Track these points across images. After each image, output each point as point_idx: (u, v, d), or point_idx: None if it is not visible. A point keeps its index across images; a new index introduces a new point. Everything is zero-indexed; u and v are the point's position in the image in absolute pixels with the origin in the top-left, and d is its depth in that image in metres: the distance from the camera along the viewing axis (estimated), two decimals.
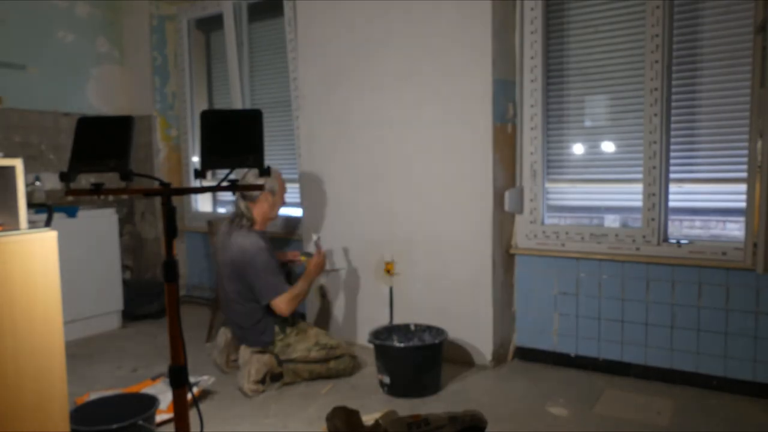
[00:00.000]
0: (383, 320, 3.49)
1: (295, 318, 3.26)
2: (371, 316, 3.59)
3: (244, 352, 3.06)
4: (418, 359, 2.89)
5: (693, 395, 2.83)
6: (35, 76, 4.25)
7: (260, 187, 1.88)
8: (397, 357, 2.90)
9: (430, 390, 2.91)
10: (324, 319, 3.81)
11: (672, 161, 2.97)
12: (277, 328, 3.13)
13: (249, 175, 3.19)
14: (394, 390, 2.89)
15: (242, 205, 3.14)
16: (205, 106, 4.91)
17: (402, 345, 3.04)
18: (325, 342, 3.15)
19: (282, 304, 3.03)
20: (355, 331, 3.66)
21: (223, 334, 3.25)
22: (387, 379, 2.89)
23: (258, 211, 3.16)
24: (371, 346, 3.03)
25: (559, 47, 3.22)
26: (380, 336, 3.09)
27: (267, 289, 3.03)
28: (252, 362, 2.98)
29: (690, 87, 2.91)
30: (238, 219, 3.16)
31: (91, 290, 3.98)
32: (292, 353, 3.08)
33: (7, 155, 2.38)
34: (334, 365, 3.13)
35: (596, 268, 3.14)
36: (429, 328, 3.16)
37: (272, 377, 3.02)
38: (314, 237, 3.44)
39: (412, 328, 3.20)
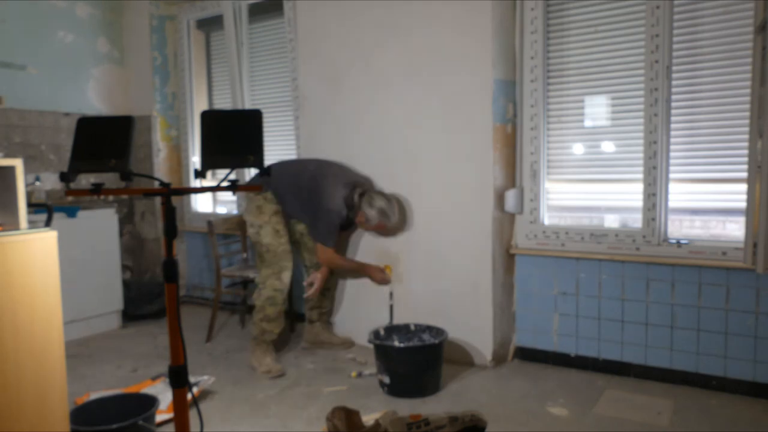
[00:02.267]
0: (384, 320, 3.49)
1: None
2: (372, 316, 3.59)
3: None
4: (418, 359, 2.89)
5: (693, 395, 2.83)
6: (35, 76, 4.25)
7: (260, 188, 1.88)
8: (397, 357, 2.90)
9: (430, 390, 2.91)
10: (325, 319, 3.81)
11: (672, 161, 2.97)
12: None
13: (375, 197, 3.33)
14: (394, 390, 2.89)
15: (357, 198, 3.32)
16: (205, 106, 4.91)
17: (402, 345, 3.04)
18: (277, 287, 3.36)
19: (327, 252, 3.35)
20: (356, 331, 3.66)
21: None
22: (387, 379, 2.90)
23: (357, 216, 3.35)
24: (371, 346, 3.03)
25: (559, 47, 3.22)
26: (380, 336, 3.09)
27: (322, 234, 3.32)
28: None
29: (690, 87, 2.91)
30: (351, 192, 3.32)
31: (91, 290, 3.98)
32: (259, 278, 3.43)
33: (7, 155, 2.39)
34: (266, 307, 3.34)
35: (596, 268, 3.14)
36: (429, 328, 3.16)
37: None
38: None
39: (412, 328, 3.20)
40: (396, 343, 3.08)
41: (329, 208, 3.26)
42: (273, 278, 3.31)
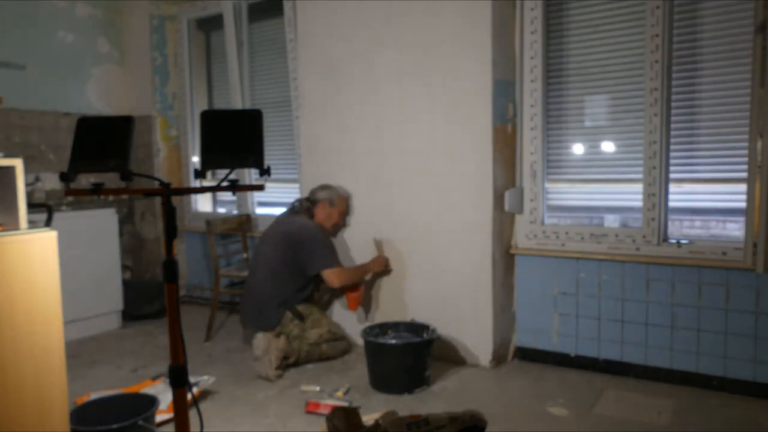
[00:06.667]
0: (383, 318, 3.48)
1: (311, 308, 3.47)
2: (372, 314, 3.60)
3: (261, 341, 3.19)
4: (403, 355, 2.94)
5: (693, 395, 2.83)
6: (35, 76, 4.25)
7: (260, 188, 1.88)
8: (382, 353, 2.97)
9: (414, 386, 2.93)
10: None
11: (672, 161, 2.97)
12: (289, 315, 3.34)
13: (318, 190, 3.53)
14: (377, 385, 2.97)
15: (306, 203, 3.51)
16: (205, 106, 4.91)
17: (390, 342, 3.08)
18: (335, 331, 3.44)
19: (333, 275, 3.32)
20: (355, 329, 3.65)
21: (263, 339, 3.19)
22: (373, 372, 3.00)
23: (317, 215, 3.50)
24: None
25: (559, 47, 3.22)
26: (371, 333, 3.14)
27: (320, 260, 3.32)
28: (271, 350, 3.16)
29: (690, 87, 2.91)
30: (300, 211, 3.48)
31: (91, 290, 3.98)
32: (309, 338, 3.35)
33: (7, 155, 2.39)
34: (327, 348, 3.38)
35: (596, 268, 3.14)
36: (423, 326, 3.18)
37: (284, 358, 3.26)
38: (376, 240, 3.56)
39: (401, 327, 3.25)
40: (381, 340, 3.10)
41: (311, 233, 3.34)
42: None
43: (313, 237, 3.34)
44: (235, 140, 1.71)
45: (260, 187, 1.87)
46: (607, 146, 3.18)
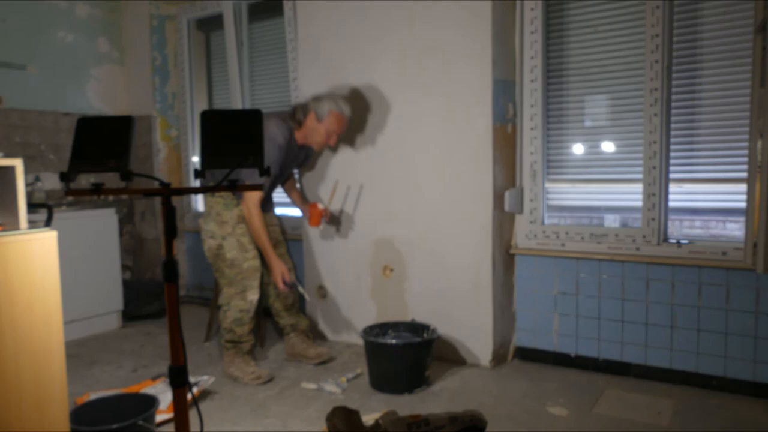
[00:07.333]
0: (383, 318, 3.48)
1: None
2: (372, 314, 3.60)
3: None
4: (403, 355, 2.93)
5: (693, 395, 2.83)
6: (35, 76, 4.25)
7: (259, 187, 1.88)
8: (382, 353, 2.96)
9: (414, 386, 2.93)
10: (325, 318, 3.81)
11: (672, 161, 2.97)
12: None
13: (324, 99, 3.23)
14: (378, 385, 2.98)
15: (300, 113, 3.21)
16: (205, 106, 4.91)
17: (390, 342, 3.07)
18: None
19: (253, 199, 3.08)
20: (355, 329, 3.65)
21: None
22: (373, 372, 3.01)
23: (305, 125, 3.22)
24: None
25: (559, 47, 3.22)
26: (371, 332, 3.14)
27: (251, 171, 2.84)
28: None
29: (690, 87, 2.91)
30: (291, 116, 3.23)
31: (91, 290, 3.98)
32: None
33: (7, 155, 2.39)
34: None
35: (596, 268, 3.14)
36: (423, 326, 3.18)
37: None
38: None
39: (401, 327, 3.26)
40: (382, 340, 3.10)
41: (271, 137, 2.99)
42: (238, 298, 3.12)
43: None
44: (235, 140, 1.71)
45: (260, 187, 1.87)
46: (607, 146, 3.18)
